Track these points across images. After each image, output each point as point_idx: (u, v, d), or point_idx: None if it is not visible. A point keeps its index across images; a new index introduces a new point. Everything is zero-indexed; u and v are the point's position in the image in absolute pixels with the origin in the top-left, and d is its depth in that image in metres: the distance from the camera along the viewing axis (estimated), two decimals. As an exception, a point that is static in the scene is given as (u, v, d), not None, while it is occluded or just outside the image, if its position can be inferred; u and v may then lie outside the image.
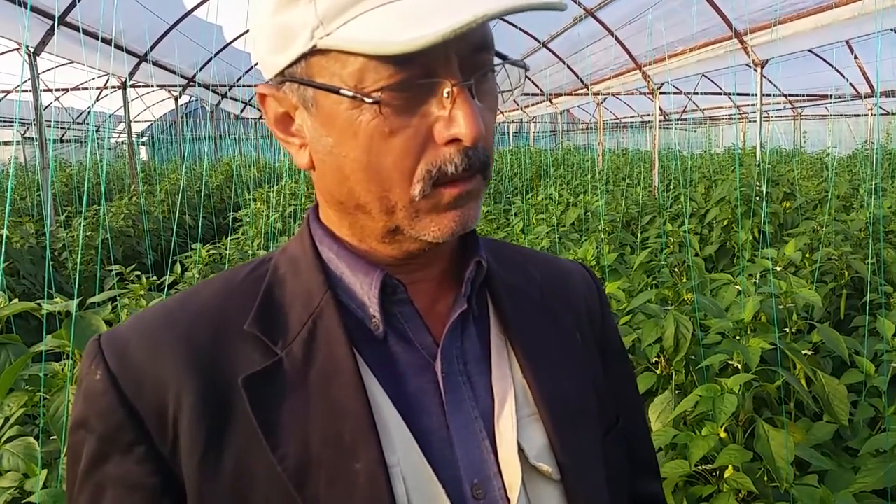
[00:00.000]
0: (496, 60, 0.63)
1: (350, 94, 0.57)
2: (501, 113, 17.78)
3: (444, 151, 0.59)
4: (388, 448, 0.62)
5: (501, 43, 0.62)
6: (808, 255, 3.89)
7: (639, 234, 5.16)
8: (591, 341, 0.80)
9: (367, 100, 0.57)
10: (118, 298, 2.67)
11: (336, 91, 0.58)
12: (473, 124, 0.57)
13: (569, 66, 11.19)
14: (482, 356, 0.71)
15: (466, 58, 0.59)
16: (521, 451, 0.67)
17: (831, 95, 10.26)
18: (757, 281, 2.80)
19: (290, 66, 0.61)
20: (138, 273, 3.24)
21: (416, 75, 0.57)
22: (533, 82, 13.12)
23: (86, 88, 11.96)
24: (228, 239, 4.71)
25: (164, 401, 0.62)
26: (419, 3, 0.55)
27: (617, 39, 9.18)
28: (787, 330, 2.48)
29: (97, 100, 13.59)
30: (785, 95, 11.91)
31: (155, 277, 3.12)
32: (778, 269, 2.80)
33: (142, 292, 2.84)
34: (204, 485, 0.60)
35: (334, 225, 0.69)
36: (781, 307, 2.38)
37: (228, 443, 0.61)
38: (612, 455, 0.76)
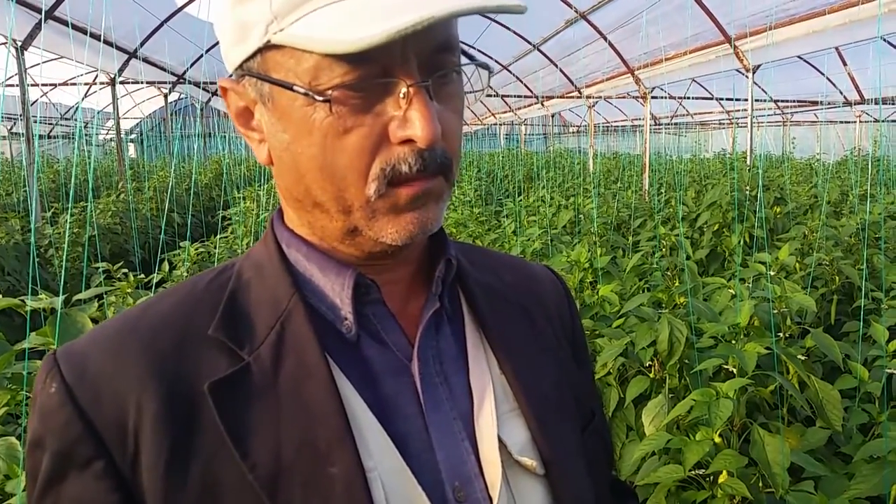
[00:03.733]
0: (464, 61, 0.63)
1: (303, 90, 0.57)
2: (493, 115, 17.78)
3: (398, 151, 0.58)
4: (365, 452, 0.60)
5: (493, 45, 0.61)
6: (799, 260, 3.89)
7: (630, 238, 5.15)
8: (563, 341, 0.81)
9: (318, 98, 0.57)
10: (105, 296, 2.63)
11: (290, 87, 0.58)
12: (429, 126, 0.57)
13: (560, 70, 11.21)
14: (458, 355, 0.70)
15: (426, 58, 0.58)
16: (503, 446, 0.67)
17: (821, 102, 10.32)
18: (750, 285, 2.79)
19: (248, 60, 0.61)
20: (125, 271, 3.20)
21: (371, 74, 0.57)
22: (525, 85, 13.12)
23: (74, 84, 11.86)
24: (217, 237, 4.66)
25: (125, 412, 0.59)
26: (372, 1, 0.54)
27: (609, 43, 9.20)
28: (781, 335, 2.48)
29: (85, 96, 13.49)
30: (775, 101, 11.99)
31: (143, 275, 3.08)
32: (771, 273, 2.79)
33: (129, 290, 2.80)
34: (169, 496, 0.57)
35: (295, 225, 0.68)
36: (775, 312, 2.37)
37: (195, 452, 0.58)
38: (590, 449, 0.77)
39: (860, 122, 13.58)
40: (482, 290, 0.74)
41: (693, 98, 12.05)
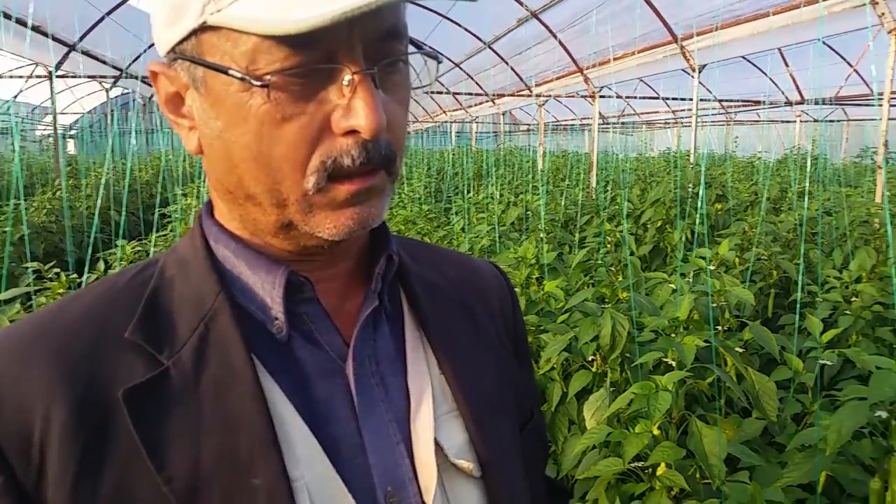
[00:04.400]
0: (412, 50, 0.61)
1: (239, 75, 0.54)
2: (444, 112, 17.78)
3: (341, 142, 0.56)
4: (292, 461, 0.58)
5: (445, 42, 0.58)
6: (738, 255, 3.98)
7: (577, 234, 5.20)
8: (505, 339, 0.79)
9: (255, 83, 0.53)
10: (34, 297, 2.53)
11: (225, 71, 0.55)
12: (374, 115, 0.54)
13: (512, 68, 11.26)
14: (396, 355, 0.68)
15: (372, 45, 0.55)
16: (440, 448, 0.65)
17: (763, 102, 10.61)
18: (690, 280, 2.83)
19: (182, 42, 0.57)
20: (57, 270, 3.08)
21: (314, 59, 0.54)
22: (476, 82, 13.15)
23: (10, 77, 11.42)
24: (155, 235, 4.53)
25: (30, 424, 0.55)
26: None
27: (559, 42, 9.27)
28: (720, 328, 2.52)
29: (21, 90, 13.02)
30: (719, 101, 12.26)
31: (76, 275, 2.97)
32: (711, 268, 2.84)
33: (60, 290, 2.70)
34: None
35: (226, 219, 0.65)
36: (714, 305, 2.41)
37: (107, 464, 0.55)
38: (528, 449, 0.76)
39: (800, 121, 14.00)
40: (424, 287, 0.72)
41: (640, 97, 12.25)
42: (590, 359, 2.38)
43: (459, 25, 10.70)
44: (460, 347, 0.71)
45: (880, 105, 4.60)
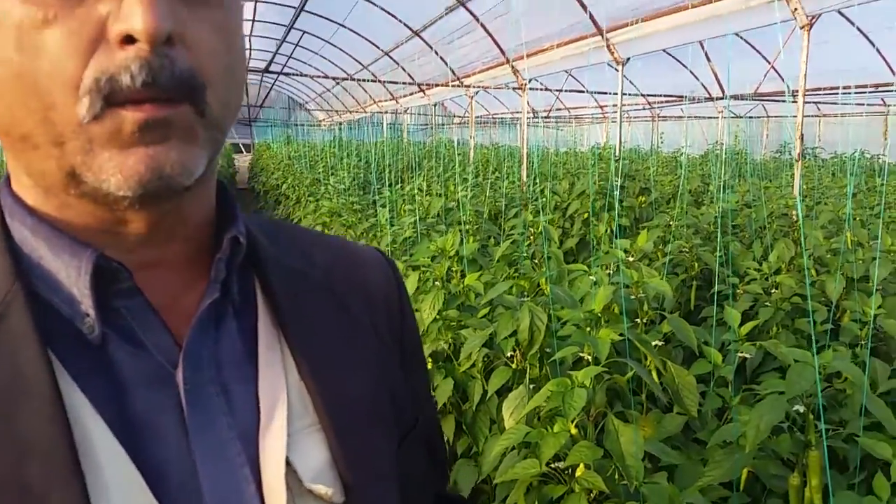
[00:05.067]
0: None
1: None
2: (375, 102, 17.55)
3: (119, 56, 0.43)
4: (99, 490, 0.45)
5: (374, 30, 0.45)
6: (660, 248, 3.98)
7: (505, 226, 5.14)
8: (386, 335, 0.68)
9: None
10: None
11: None
12: (151, 14, 0.42)
13: (441, 57, 11.16)
14: (246, 358, 0.56)
15: None
16: (293, 471, 0.53)
17: (686, 97, 10.84)
18: (611, 272, 2.78)
19: None
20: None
21: None
22: (406, 72, 13.00)
23: None
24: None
25: None
26: None
27: (487, 31, 9.23)
28: (639, 320, 2.47)
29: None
30: (644, 95, 12.47)
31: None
32: (631, 259, 2.80)
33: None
34: None
35: (18, 183, 0.51)
36: (633, 297, 2.35)
37: None
38: (409, 461, 0.66)
39: (722, 117, 14.39)
40: (284, 275, 0.60)
41: (568, 91, 12.34)
42: (509, 354, 2.29)
43: (388, 13, 10.54)
44: (326, 347, 0.60)
45: (794, 101, 4.69)
